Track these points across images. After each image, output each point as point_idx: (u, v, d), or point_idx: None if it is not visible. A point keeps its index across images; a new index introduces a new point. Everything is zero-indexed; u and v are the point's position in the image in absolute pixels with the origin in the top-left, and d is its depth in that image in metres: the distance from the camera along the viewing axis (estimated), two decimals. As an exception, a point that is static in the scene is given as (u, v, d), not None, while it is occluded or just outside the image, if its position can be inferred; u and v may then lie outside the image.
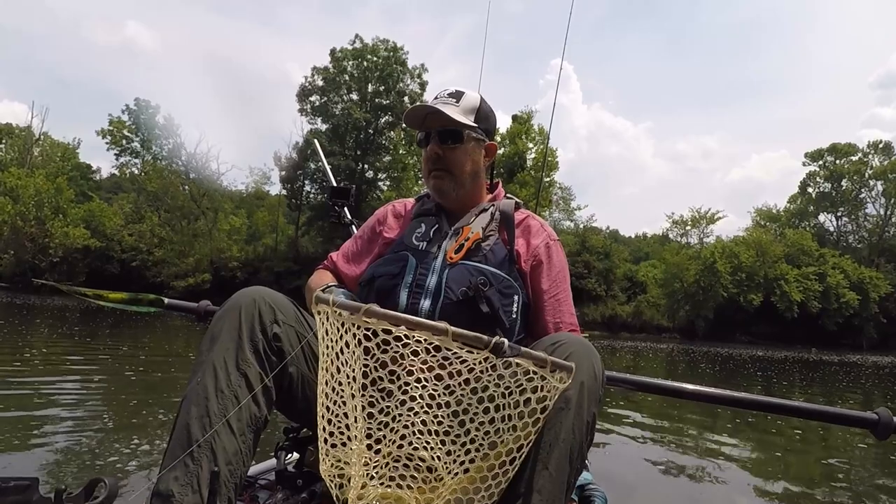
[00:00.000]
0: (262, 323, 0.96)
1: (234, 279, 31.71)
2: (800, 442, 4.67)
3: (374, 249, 1.33)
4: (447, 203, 1.29)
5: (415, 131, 1.30)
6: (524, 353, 0.72)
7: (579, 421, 0.84)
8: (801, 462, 3.94)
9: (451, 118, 1.20)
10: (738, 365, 14.05)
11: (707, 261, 33.58)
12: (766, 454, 4.08)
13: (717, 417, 5.36)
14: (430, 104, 1.23)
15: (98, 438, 2.93)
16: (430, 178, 1.26)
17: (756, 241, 34.71)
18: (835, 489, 3.16)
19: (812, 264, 34.39)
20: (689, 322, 34.57)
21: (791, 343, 31.50)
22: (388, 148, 34.02)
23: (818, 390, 9.04)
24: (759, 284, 33.17)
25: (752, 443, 4.46)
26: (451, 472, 0.77)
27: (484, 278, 1.12)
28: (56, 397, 3.84)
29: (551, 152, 32.42)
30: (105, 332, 10.03)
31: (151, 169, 34.70)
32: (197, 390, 0.89)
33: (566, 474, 0.83)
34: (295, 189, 34.35)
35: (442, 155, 1.23)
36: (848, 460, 3.99)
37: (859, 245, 40.50)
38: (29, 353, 6.06)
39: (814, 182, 42.74)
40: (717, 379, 9.74)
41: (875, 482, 3.43)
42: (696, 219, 38.29)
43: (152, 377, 5.36)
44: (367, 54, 32.91)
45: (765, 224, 41.89)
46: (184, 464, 0.82)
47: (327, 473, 0.83)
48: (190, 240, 32.77)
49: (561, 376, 0.75)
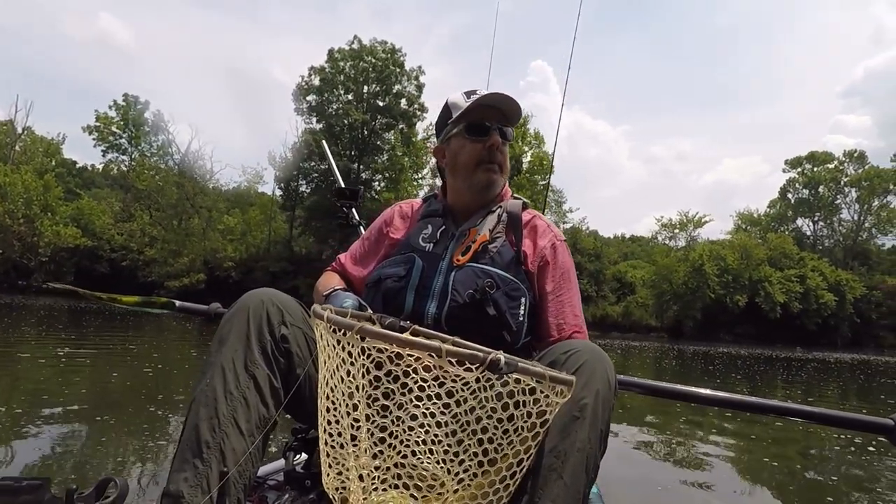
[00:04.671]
0: (270, 324, 0.96)
1: (229, 279, 31.32)
2: (782, 439, 4.67)
3: (380, 250, 1.33)
4: (485, 198, 1.27)
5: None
6: (521, 369, 0.70)
7: (594, 430, 0.83)
8: (780, 456, 3.95)
9: (517, 114, 1.23)
10: (740, 364, 14.68)
11: (695, 263, 34.74)
12: (749, 448, 4.12)
13: (704, 414, 5.35)
14: (506, 96, 1.21)
15: (108, 438, 2.95)
16: (483, 170, 1.23)
17: (741, 245, 36.06)
18: (818, 486, 3.18)
19: (793, 267, 35.89)
20: (676, 322, 35.66)
21: (773, 343, 32.67)
22: (385, 149, 34.05)
23: (824, 391, 9.40)
24: (745, 286, 34.51)
25: (737, 438, 4.48)
26: (451, 486, 0.76)
27: (491, 281, 1.11)
28: (65, 398, 3.84)
29: (546, 156, 33.02)
30: (109, 332, 9.98)
31: (140, 166, 34.02)
32: (206, 392, 0.89)
33: (582, 484, 0.82)
34: (290, 189, 34.11)
35: (500, 148, 1.24)
36: (830, 459, 3.99)
37: (835, 248, 42.34)
38: (32, 354, 6.06)
39: (793, 188, 44.66)
40: (716, 378, 9.86)
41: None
42: (683, 222, 39.56)
43: (162, 377, 5.38)
44: (364, 55, 32.90)
45: (746, 227, 43.49)
46: (193, 465, 0.83)
47: (330, 486, 0.82)
48: (183, 239, 32.21)
49: (561, 389, 0.73)
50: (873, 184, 40.14)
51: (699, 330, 34.60)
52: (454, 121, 1.24)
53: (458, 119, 1.23)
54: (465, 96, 1.24)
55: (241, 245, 33.24)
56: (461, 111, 1.22)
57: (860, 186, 41.05)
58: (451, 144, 1.27)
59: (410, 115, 33.71)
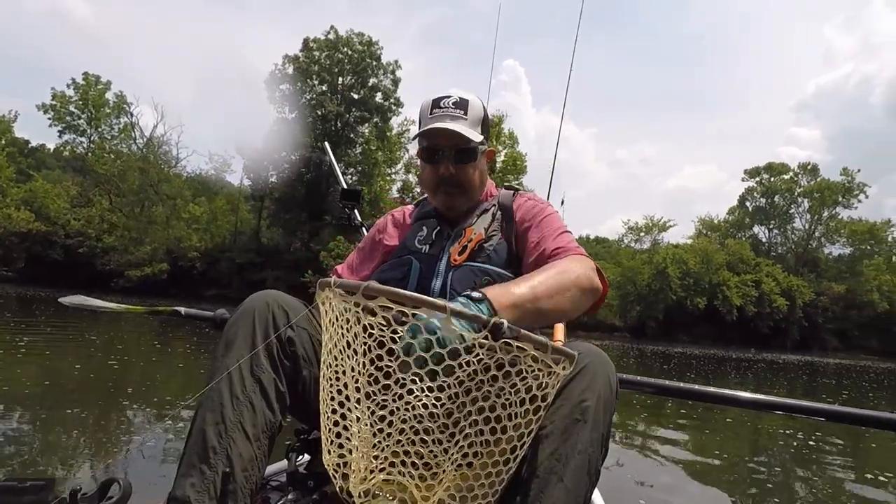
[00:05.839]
0: (276, 327, 0.96)
1: (193, 270, 30.42)
2: (734, 429, 4.87)
3: (376, 259, 1.33)
4: (454, 216, 1.26)
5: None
6: (524, 336, 0.70)
7: (596, 433, 0.82)
8: (730, 444, 4.11)
9: (467, 139, 1.17)
10: (694, 364, 15.28)
11: (659, 266, 35.95)
12: (750, 448, 4.28)
13: (704, 414, 5.51)
14: (443, 122, 1.17)
15: (112, 439, 2.96)
16: (440, 194, 1.23)
17: (703, 249, 37.56)
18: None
19: (749, 272, 37.67)
20: (640, 322, 36.83)
21: (729, 344, 34.19)
22: (358, 142, 33.68)
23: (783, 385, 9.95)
24: (705, 289, 35.99)
25: (738, 437, 4.63)
26: (452, 458, 0.75)
27: (489, 278, 1.11)
28: (69, 398, 3.81)
29: (520, 156, 33.37)
30: (62, 321, 9.69)
31: (100, 149, 32.57)
32: (212, 396, 0.89)
33: (583, 489, 0.80)
34: (260, 179, 33.32)
35: (454, 173, 1.21)
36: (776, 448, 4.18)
37: (787, 255, 44.54)
38: (35, 354, 5.91)
39: (751, 196, 46.82)
40: (672, 377, 10.32)
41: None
42: (649, 226, 40.82)
43: (166, 379, 5.35)
44: (340, 46, 32.41)
45: (707, 233, 45.26)
46: (200, 470, 0.83)
47: (330, 463, 0.83)
48: (145, 227, 30.99)
49: (563, 364, 0.73)
50: (824, 196, 42.57)
51: (660, 330, 35.86)
52: (417, 137, 1.22)
53: (418, 138, 1.22)
54: (431, 106, 1.20)
55: (206, 235, 32.28)
56: (417, 133, 1.21)
57: (812, 197, 43.43)
58: (420, 163, 1.26)
59: (385, 110, 33.45)
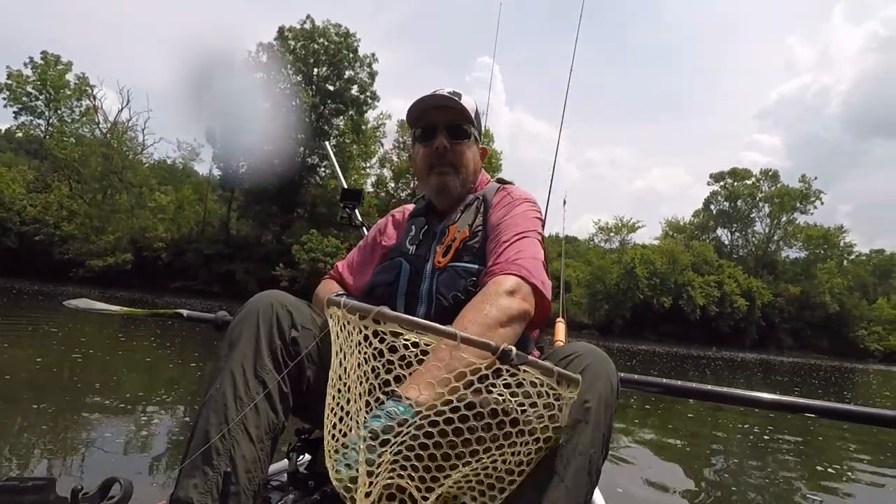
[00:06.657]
0: (280, 328, 0.95)
1: (158, 260, 29.49)
2: (783, 437, 5.00)
3: (375, 259, 1.32)
4: (445, 202, 1.25)
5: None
6: (530, 362, 0.72)
7: (597, 433, 0.82)
8: (731, 444, 4.22)
9: (462, 111, 1.18)
10: (657, 361, 15.78)
11: (628, 265, 36.95)
12: (750, 449, 4.37)
13: (705, 414, 5.62)
14: (438, 97, 1.19)
15: (113, 439, 2.96)
16: (434, 174, 1.22)
17: (669, 250, 38.77)
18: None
19: (713, 273, 39.16)
20: (608, 320, 37.74)
21: (692, 342, 35.42)
22: (333, 135, 33.24)
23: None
24: (671, 289, 37.19)
25: (737, 439, 4.72)
26: (455, 468, 0.76)
27: (474, 279, 1.10)
28: (71, 398, 3.77)
29: (495, 154, 33.58)
30: (15, 313, 9.41)
31: (59, 132, 31.14)
32: (216, 397, 0.89)
33: (584, 489, 0.80)
34: (230, 169, 32.48)
35: (449, 149, 1.20)
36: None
37: (747, 257, 46.40)
38: (36, 354, 5.73)
39: (716, 200, 48.54)
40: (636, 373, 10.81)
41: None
42: (618, 226, 41.85)
43: (168, 377, 5.30)
44: (317, 36, 31.87)
45: (673, 234, 46.73)
46: (203, 472, 0.82)
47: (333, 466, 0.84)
48: (108, 215, 29.86)
49: (569, 388, 0.74)
50: (783, 201, 44.56)
51: (627, 328, 36.86)
52: (411, 126, 1.25)
53: (411, 124, 1.24)
54: (423, 96, 1.23)
55: (172, 225, 31.30)
56: (409, 117, 1.23)
57: (772, 203, 45.40)
58: (414, 150, 1.28)
59: (361, 103, 33.12)
